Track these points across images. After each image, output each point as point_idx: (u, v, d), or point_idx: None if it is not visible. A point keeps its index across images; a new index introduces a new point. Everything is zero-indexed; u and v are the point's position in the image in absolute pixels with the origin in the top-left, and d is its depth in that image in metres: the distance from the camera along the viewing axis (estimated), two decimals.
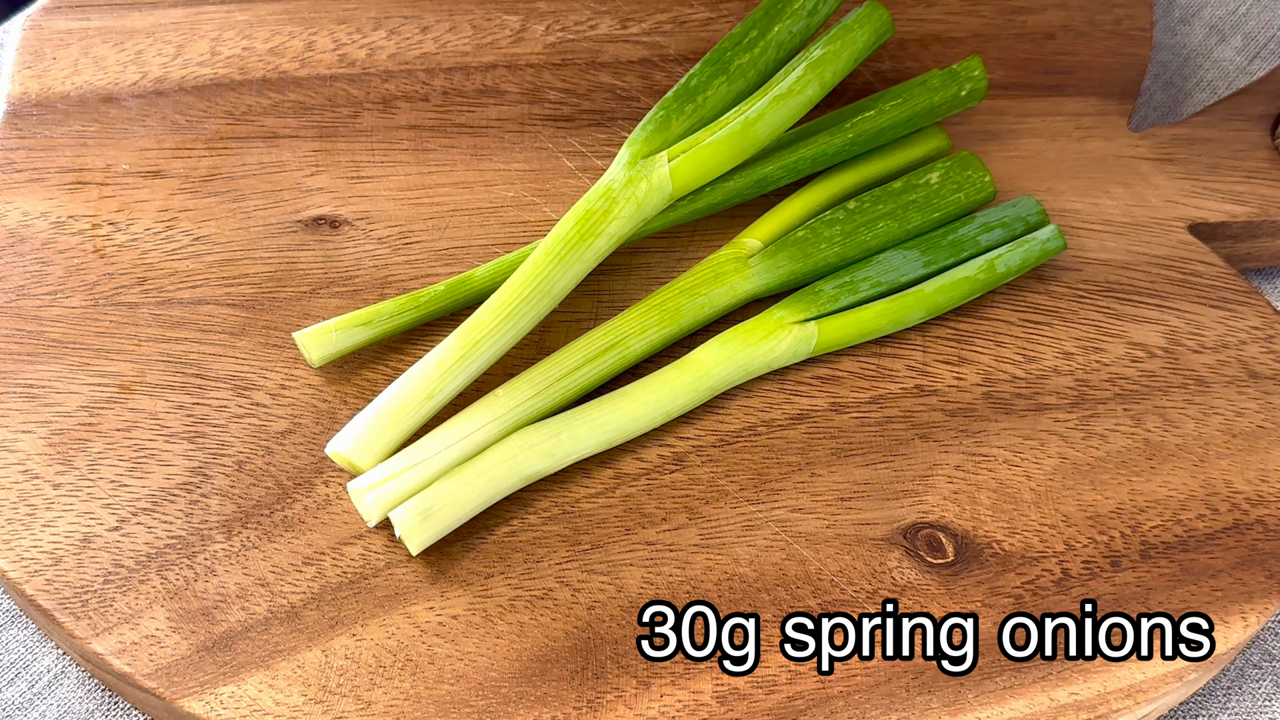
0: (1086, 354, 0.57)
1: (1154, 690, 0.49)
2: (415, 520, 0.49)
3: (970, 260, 0.57)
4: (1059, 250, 0.58)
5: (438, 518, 0.49)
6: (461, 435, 0.51)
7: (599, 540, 0.51)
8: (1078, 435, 0.54)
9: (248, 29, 0.62)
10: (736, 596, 0.50)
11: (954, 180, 0.58)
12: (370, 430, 0.51)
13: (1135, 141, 0.62)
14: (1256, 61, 0.69)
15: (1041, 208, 0.58)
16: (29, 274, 0.55)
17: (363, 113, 0.60)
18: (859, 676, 0.49)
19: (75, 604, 0.49)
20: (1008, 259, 0.57)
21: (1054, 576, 0.51)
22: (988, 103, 0.63)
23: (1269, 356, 0.57)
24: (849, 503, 0.53)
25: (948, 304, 0.56)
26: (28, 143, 0.59)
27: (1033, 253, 0.57)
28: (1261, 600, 0.51)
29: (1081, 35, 0.65)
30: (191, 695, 0.47)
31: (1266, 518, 0.53)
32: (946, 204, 0.58)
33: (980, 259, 0.57)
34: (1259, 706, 0.52)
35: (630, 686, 0.48)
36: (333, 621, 0.49)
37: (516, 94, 0.61)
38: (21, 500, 0.51)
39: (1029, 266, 0.57)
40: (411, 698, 0.48)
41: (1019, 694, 0.49)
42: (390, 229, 0.58)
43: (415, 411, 0.51)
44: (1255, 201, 0.61)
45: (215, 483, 0.51)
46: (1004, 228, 0.58)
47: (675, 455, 0.53)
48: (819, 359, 0.56)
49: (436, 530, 0.50)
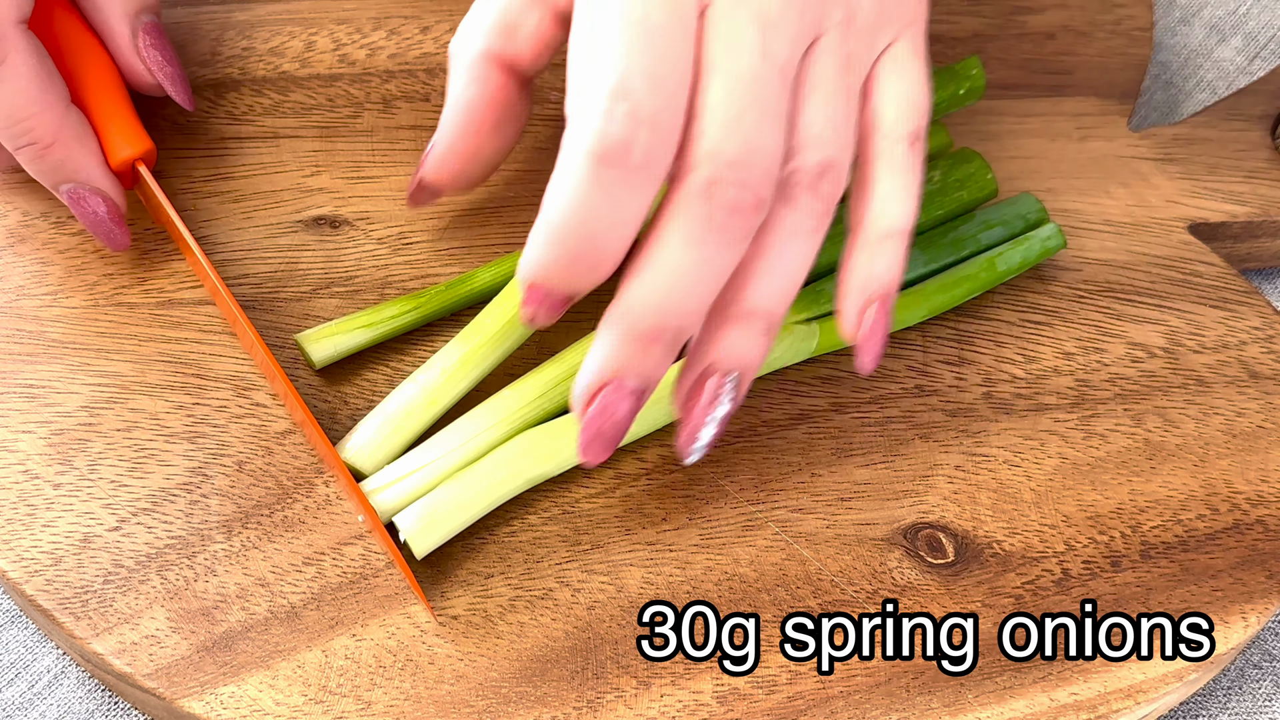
0: (1087, 354, 0.57)
1: (1154, 690, 0.49)
2: (420, 525, 0.49)
3: (970, 259, 0.57)
4: (1059, 248, 0.58)
5: (442, 522, 0.49)
6: (466, 438, 0.51)
7: (599, 540, 0.51)
8: (1078, 435, 0.54)
9: (248, 29, 0.62)
10: (736, 596, 0.50)
11: (956, 178, 0.58)
12: (375, 435, 0.51)
13: (1135, 141, 0.62)
14: (1257, 62, 0.69)
15: (1041, 206, 0.58)
16: (29, 274, 0.55)
17: (363, 113, 0.60)
18: (859, 676, 0.49)
19: (75, 604, 0.49)
20: (1008, 257, 0.57)
21: (1054, 576, 0.51)
22: (988, 103, 0.63)
23: (1269, 357, 0.57)
24: (849, 503, 0.53)
25: (948, 302, 0.57)
26: None
27: (1033, 251, 0.57)
28: (1262, 600, 0.51)
29: (1082, 35, 0.65)
30: (191, 695, 0.47)
31: (1267, 518, 0.53)
32: (949, 202, 0.58)
33: (980, 257, 0.57)
34: (1259, 707, 0.52)
35: (630, 686, 0.48)
36: (333, 621, 0.49)
37: None
38: (21, 500, 0.51)
39: (1029, 265, 0.57)
40: (411, 698, 0.48)
41: (1019, 694, 0.49)
42: (390, 229, 0.58)
43: (419, 416, 0.51)
44: (1255, 201, 0.61)
45: (215, 483, 0.51)
46: (1004, 225, 0.58)
47: (675, 455, 0.53)
48: (820, 359, 0.56)
49: (441, 534, 0.50)
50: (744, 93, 0.45)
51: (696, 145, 0.45)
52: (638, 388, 0.46)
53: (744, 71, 0.45)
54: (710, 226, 0.45)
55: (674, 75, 0.44)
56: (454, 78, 0.52)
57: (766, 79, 0.45)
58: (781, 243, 0.47)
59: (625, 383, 0.46)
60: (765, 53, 0.45)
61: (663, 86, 0.44)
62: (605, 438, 0.47)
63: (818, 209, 0.47)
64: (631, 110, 0.44)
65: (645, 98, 0.44)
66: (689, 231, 0.45)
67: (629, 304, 0.45)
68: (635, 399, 0.46)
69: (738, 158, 0.45)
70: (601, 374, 0.46)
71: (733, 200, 0.44)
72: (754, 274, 0.47)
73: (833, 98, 0.48)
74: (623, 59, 0.44)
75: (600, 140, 0.44)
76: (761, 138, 0.45)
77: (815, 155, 0.47)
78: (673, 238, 0.45)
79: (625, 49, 0.44)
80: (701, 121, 0.45)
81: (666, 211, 0.45)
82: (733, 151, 0.45)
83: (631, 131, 0.44)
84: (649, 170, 0.44)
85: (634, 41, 0.44)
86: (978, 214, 0.58)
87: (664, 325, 0.45)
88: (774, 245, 0.47)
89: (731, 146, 0.45)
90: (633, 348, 0.45)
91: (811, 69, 0.47)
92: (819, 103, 0.47)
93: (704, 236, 0.45)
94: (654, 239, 0.45)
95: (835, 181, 0.47)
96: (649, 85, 0.44)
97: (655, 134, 0.44)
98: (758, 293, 0.47)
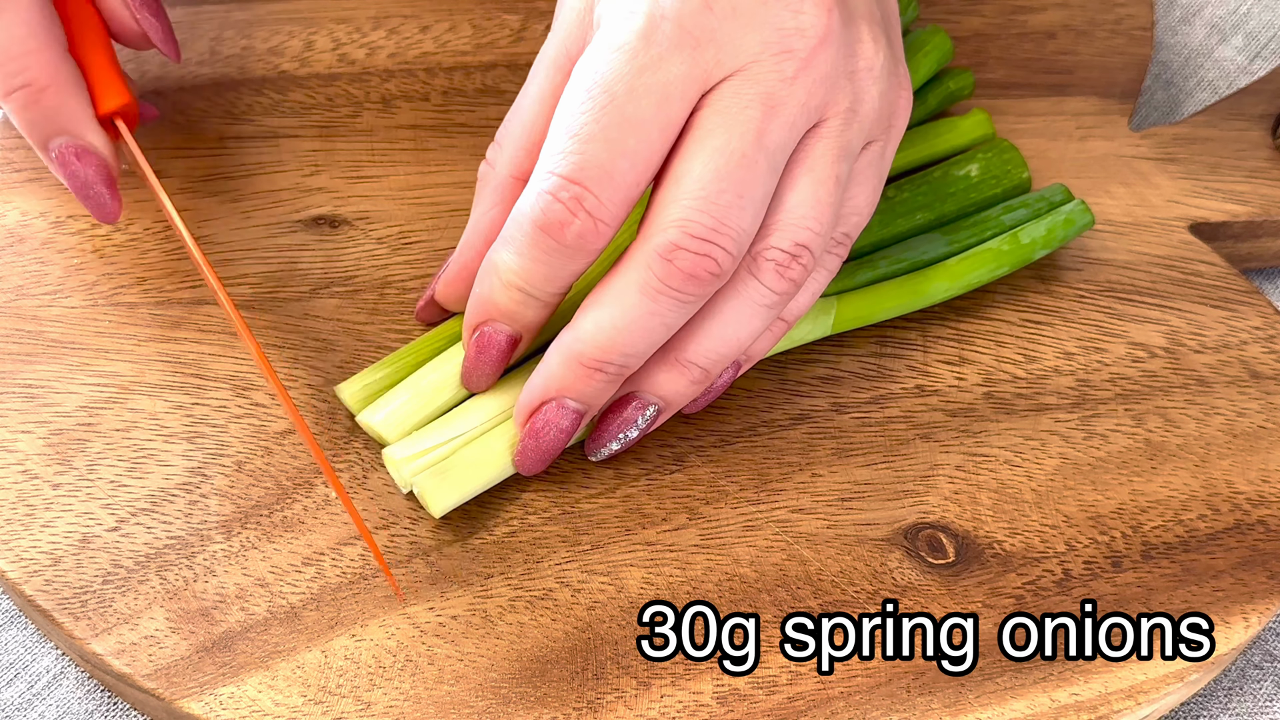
0: (1087, 354, 0.56)
1: (1155, 690, 0.49)
2: (438, 483, 0.50)
3: (994, 238, 0.57)
4: (1088, 224, 0.57)
5: (460, 482, 0.50)
6: (488, 415, 0.51)
7: (599, 540, 0.51)
8: (1079, 435, 0.54)
9: (247, 28, 0.62)
10: (737, 597, 0.50)
11: (994, 174, 0.58)
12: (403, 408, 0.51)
13: (1136, 141, 0.62)
14: (1257, 61, 0.69)
15: (1066, 189, 0.58)
16: (28, 274, 0.55)
17: (363, 112, 0.60)
18: (859, 677, 0.49)
19: (74, 604, 0.49)
20: (1032, 230, 0.57)
21: (1055, 577, 0.51)
22: (988, 103, 0.63)
23: (1270, 356, 0.57)
24: (850, 503, 0.52)
25: (974, 280, 0.56)
26: (27, 142, 0.58)
27: (1057, 224, 0.57)
28: (1263, 600, 0.51)
29: (1082, 35, 0.65)
30: (191, 696, 0.47)
31: (1268, 518, 0.53)
32: (983, 198, 0.58)
33: (1004, 235, 0.57)
34: (1260, 707, 0.52)
35: (630, 687, 0.48)
36: (332, 622, 0.49)
37: (516, 93, 0.61)
38: (20, 500, 0.50)
39: (1055, 241, 0.57)
40: (411, 698, 0.48)
41: (1020, 694, 0.49)
42: (390, 229, 0.57)
43: (448, 394, 0.52)
44: (1256, 201, 0.61)
45: (215, 483, 0.51)
46: (1026, 207, 0.58)
47: (675, 455, 0.53)
48: (820, 359, 0.56)
49: (459, 494, 0.50)
50: (728, 174, 0.46)
51: (668, 208, 0.47)
52: (578, 410, 0.49)
53: (734, 152, 0.46)
54: (665, 287, 0.47)
55: (634, 172, 0.46)
56: (480, 199, 0.52)
57: (754, 163, 0.47)
58: (735, 310, 0.49)
59: (566, 403, 0.49)
60: (760, 137, 0.47)
61: (618, 184, 0.46)
62: (543, 450, 0.50)
63: (781, 288, 0.48)
64: (577, 197, 0.46)
65: (595, 190, 0.46)
66: (645, 284, 0.47)
67: (579, 334, 0.48)
68: (575, 418, 0.49)
69: (706, 234, 0.46)
70: (545, 391, 0.49)
71: (691, 268, 0.46)
72: (701, 331, 0.49)
73: (823, 184, 0.48)
74: (589, 144, 0.46)
75: (543, 212, 0.46)
76: (734, 220, 0.46)
77: (792, 237, 0.48)
78: (630, 285, 0.47)
79: (596, 135, 0.46)
80: (679, 187, 0.46)
81: (629, 257, 0.47)
82: (702, 227, 0.46)
83: (571, 216, 0.46)
84: (582, 249, 0.47)
85: (607, 133, 0.46)
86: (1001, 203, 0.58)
87: (608, 360, 0.48)
88: (727, 311, 0.49)
89: (703, 222, 0.46)
90: (577, 374, 0.48)
91: (810, 151, 0.48)
92: (809, 185, 0.48)
93: (658, 293, 0.47)
94: (614, 279, 0.47)
95: (805, 267, 0.48)
96: (602, 181, 0.46)
97: (594, 226, 0.46)
98: (699, 348, 0.49)
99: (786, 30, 0.47)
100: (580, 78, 0.47)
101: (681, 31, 0.46)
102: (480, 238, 0.52)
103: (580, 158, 0.46)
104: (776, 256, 0.48)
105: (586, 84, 0.46)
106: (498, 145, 0.51)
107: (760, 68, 0.47)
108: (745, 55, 0.47)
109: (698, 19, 0.46)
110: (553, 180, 0.46)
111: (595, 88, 0.46)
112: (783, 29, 0.47)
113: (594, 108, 0.46)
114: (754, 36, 0.47)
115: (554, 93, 0.50)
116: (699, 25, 0.46)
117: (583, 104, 0.46)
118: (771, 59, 0.47)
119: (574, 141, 0.46)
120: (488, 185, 0.51)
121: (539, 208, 0.46)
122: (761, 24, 0.47)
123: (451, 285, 0.53)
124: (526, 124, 0.50)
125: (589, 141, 0.46)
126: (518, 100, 0.51)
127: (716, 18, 0.46)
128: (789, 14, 0.47)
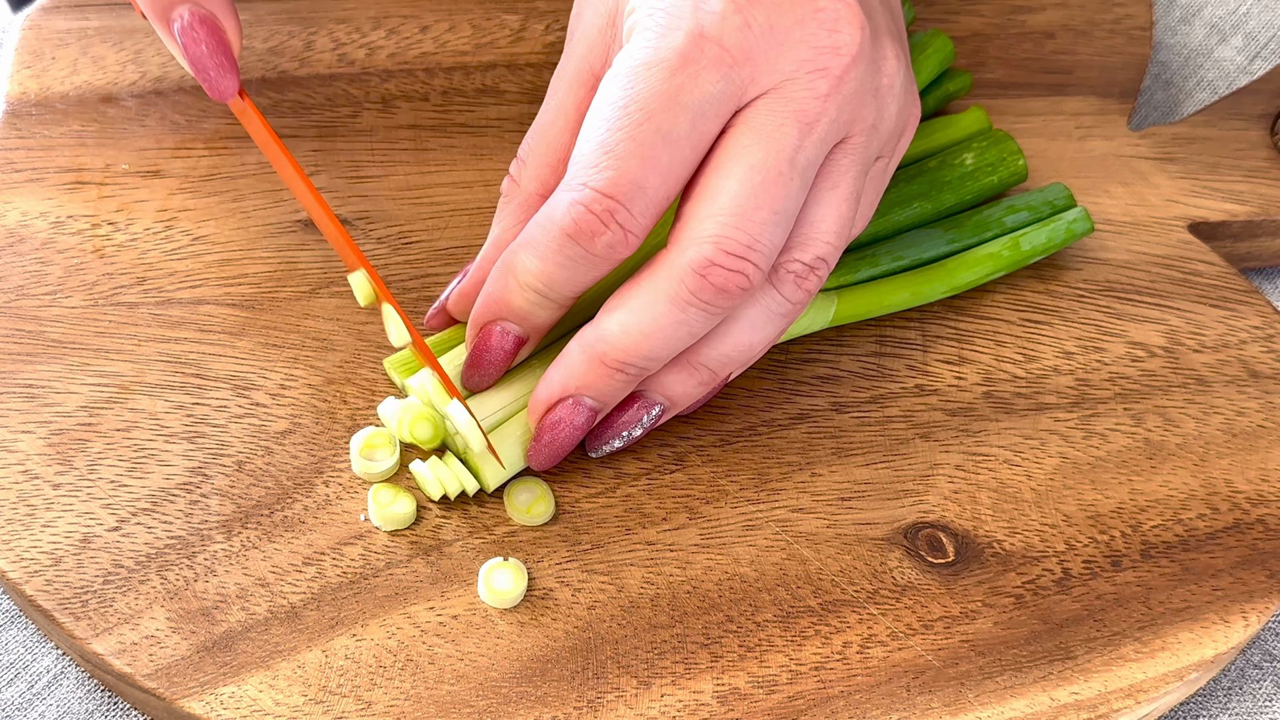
0: (1087, 353, 0.57)
1: (1155, 690, 0.49)
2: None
3: (994, 240, 0.57)
4: (1087, 232, 0.57)
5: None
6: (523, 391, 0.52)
7: (599, 540, 0.51)
8: (1078, 435, 0.54)
9: (247, 28, 0.62)
10: (736, 596, 0.50)
11: (989, 162, 0.58)
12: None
13: (1135, 141, 0.62)
14: (1257, 61, 0.69)
15: (1069, 193, 0.58)
16: (28, 274, 0.55)
17: (362, 112, 0.60)
18: (859, 676, 0.49)
19: (75, 604, 0.49)
20: (1033, 238, 0.57)
21: (1054, 576, 0.51)
22: (987, 102, 0.63)
23: (1269, 356, 0.57)
24: (849, 502, 0.53)
25: (971, 281, 0.56)
26: (27, 142, 0.59)
27: (1059, 232, 0.57)
28: (1262, 600, 0.51)
29: (1081, 35, 0.65)
30: (191, 695, 0.47)
31: (1267, 517, 0.53)
32: (980, 186, 0.58)
33: (1004, 238, 0.57)
34: (1260, 707, 0.52)
35: (631, 686, 0.48)
36: (333, 621, 0.49)
37: (516, 94, 0.61)
38: (21, 500, 0.50)
39: (1054, 247, 0.57)
40: (412, 698, 0.48)
41: (1019, 694, 0.49)
42: (390, 229, 0.57)
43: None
44: (1255, 201, 0.61)
45: (215, 483, 0.51)
46: (1030, 210, 0.58)
47: (675, 455, 0.53)
48: (820, 359, 0.56)
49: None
50: (763, 191, 0.47)
51: (703, 223, 0.47)
52: (593, 408, 0.49)
53: (769, 169, 0.47)
54: (696, 299, 0.47)
55: (665, 187, 0.47)
56: (502, 214, 0.52)
57: (788, 181, 0.47)
58: (752, 317, 0.49)
59: (584, 400, 0.49)
60: (794, 154, 0.47)
61: (650, 199, 0.47)
62: (556, 446, 0.50)
63: (797, 298, 0.49)
64: (610, 210, 0.46)
65: (627, 204, 0.46)
66: (676, 295, 0.47)
67: (603, 333, 0.48)
68: (590, 416, 0.50)
69: (741, 250, 0.47)
70: (565, 387, 0.49)
71: (723, 283, 0.47)
72: (716, 336, 0.50)
73: (846, 200, 0.49)
74: (624, 160, 0.46)
75: (574, 221, 0.47)
76: (767, 236, 0.47)
77: (815, 251, 0.49)
78: (660, 294, 0.47)
79: (632, 152, 0.46)
80: (714, 203, 0.47)
81: (660, 265, 0.47)
82: (737, 244, 0.47)
83: (603, 227, 0.46)
84: (608, 259, 0.47)
85: (643, 149, 0.46)
86: (1004, 199, 0.58)
87: (630, 362, 0.48)
88: (744, 318, 0.49)
89: (738, 239, 0.47)
90: (598, 372, 0.48)
91: (835, 166, 0.49)
92: (833, 201, 0.49)
93: (688, 304, 0.47)
94: (642, 284, 0.48)
95: (821, 278, 0.49)
96: (635, 195, 0.46)
97: (624, 238, 0.47)
98: (713, 352, 0.50)
99: (822, 48, 0.47)
100: (613, 91, 0.47)
101: (721, 51, 0.46)
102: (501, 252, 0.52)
103: (615, 173, 0.46)
104: (796, 268, 0.49)
105: (621, 99, 0.46)
106: (521, 162, 0.51)
107: (795, 86, 0.47)
108: (781, 73, 0.47)
109: (737, 38, 0.46)
110: (586, 193, 0.46)
111: (631, 104, 0.46)
112: (819, 47, 0.47)
113: (630, 124, 0.46)
114: (790, 55, 0.47)
115: (577, 107, 0.50)
116: (738, 44, 0.46)
117: (618, 119, 0.46)
118: (806, 77, 0.47)
119: (609, 157, 0.46)
120: (512, 202, 0.52)
121: (570, 216, 0.47)
122: (798, 42, 0.47)
123: (467, 297, 0.53)
124: (550, 141, 0.50)
125: (624, 158, 0.46)
126: (540, 116, 0.51)
127: (754, 36, 0.47)
128: (825, 32, 0.47)
